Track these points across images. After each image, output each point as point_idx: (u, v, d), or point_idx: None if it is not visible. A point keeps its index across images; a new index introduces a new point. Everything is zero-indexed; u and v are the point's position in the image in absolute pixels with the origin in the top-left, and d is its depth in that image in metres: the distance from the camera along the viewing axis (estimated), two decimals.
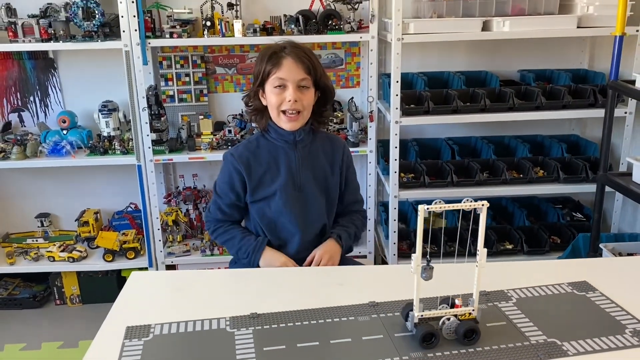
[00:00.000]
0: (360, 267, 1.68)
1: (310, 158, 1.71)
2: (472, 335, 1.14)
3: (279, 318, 1.25)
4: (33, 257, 2.81)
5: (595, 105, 2.52)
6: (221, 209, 1.76)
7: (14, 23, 2.53)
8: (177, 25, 2.56)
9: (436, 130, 2.99)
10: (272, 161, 1.70)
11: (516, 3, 2.51)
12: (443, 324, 1.14)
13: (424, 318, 1.14)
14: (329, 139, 1.81)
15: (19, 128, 2.91)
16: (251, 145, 1.73)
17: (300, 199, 1.71)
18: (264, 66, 1.63)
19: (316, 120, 1.72)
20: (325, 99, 1.71)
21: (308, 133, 1.71)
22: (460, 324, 1.14)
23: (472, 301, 1.16)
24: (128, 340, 1.19)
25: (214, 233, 1.79)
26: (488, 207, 1.17)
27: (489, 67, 2.89)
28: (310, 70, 1.62)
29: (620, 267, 1.29)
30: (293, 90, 1.60)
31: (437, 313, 1.15)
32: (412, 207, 2.99)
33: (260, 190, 1.71)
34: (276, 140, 1.70)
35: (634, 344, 1.14)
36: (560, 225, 2.76)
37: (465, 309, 1.16)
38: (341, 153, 1.77)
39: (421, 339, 1.12)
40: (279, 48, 1.63)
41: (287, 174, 1.69)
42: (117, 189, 3.02)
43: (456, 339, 1.14)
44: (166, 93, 2.87)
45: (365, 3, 2.58)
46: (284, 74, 1.60)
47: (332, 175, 1.75)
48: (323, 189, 1.74)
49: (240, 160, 1.69)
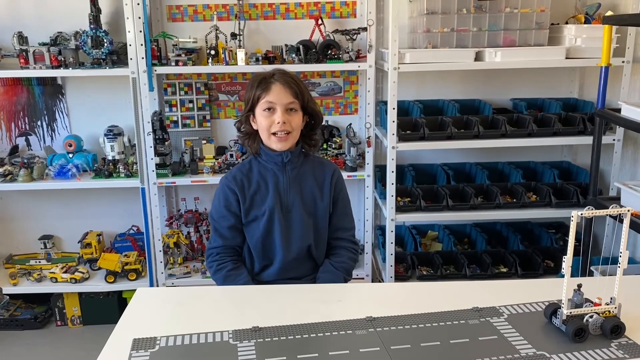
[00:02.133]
0: (357, 285, 1.75)
1: (298, 180, 1.78)
2: (618, 331, 1.25)
3: (280, 331, 1.30)
4: (36, 278, 2.85)
5: (585, 133, 2.61)
6: (221, 235, 1.79)
7: (25, 50, 2.63)
8: (183, 54, 2.66)
9: (432, 156, 3.07)
10: (262, 182, 1.77)
11: (507, 35, 2.63)
12: (587, 321, 1.25)
13: (571, 315, 1.26)
14: (321, 163, 1.86)
15: (25, 151, 2.99)
16: (244, 167, 1.80)
17: (287, 219, 1.76)
18: (254, 92, 1.71)
19: (306, 143, 1.80)
20: (314, 123, 1.79)
21: (298, 155, 1.78)
22: (606, 320, 1.25)
23: (613, 299, 1.27)
24: (135, 351, 1.24)
25: (216, 274, 1.77)
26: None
27: (482, 95, 3.00)
28: (297, 95, 1.70)
29: (608, 285, 1.36)
30: (282, 112, 1.68)
31: (583, 311, 1.26)
32: (409, 230, 3.05)
33: (252, 211, 1.77)
34: (266, 162, 1.78)
35: (619, 356, 1.19)
36: (553, 250, 2.82)
37: (607, 306, 1.26)
38: (331, 177, 1.81)
39: (573, 333, 1.23)
40: (268, 75, 1.73)
41: (275, 195, 1.75)
42: (120, 212, 3.08)
43: (601, 334, 1.26)
44: (170, 118, 2.96)
45: (363, 34, 2.69)
46: (273, 97, 1.68)
47: (321, 199, 1.79)
48: (311, 212, 1.79)
49: (234, 181, 1.76)
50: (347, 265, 1.83)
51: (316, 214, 1.79)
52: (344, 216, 1.86)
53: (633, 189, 2.08)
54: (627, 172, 2.68)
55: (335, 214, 1.83)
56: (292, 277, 1.79)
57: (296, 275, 1.80)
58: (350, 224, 1.90)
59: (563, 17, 2.82)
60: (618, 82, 2.54)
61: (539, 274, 2.68)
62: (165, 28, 2.85)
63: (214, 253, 1.80)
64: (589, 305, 1.28)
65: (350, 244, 1.88)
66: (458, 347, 1.23)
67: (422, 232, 3.10)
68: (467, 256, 2.75)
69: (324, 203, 1.80)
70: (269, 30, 2.89)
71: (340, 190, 1.84)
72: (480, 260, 2.76)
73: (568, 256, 1.21)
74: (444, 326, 1.32)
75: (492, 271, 2.69)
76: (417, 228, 3.11)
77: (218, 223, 1.79)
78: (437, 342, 1.25)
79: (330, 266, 1.81)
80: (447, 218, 2.76)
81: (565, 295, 1.25)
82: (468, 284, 1.64)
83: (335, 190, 1.82)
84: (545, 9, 2.62)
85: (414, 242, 2.97)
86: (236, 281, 1.75)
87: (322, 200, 1.80)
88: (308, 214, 1.78)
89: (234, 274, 1.76)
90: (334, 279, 1.77)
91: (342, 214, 1.85)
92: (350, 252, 1.86)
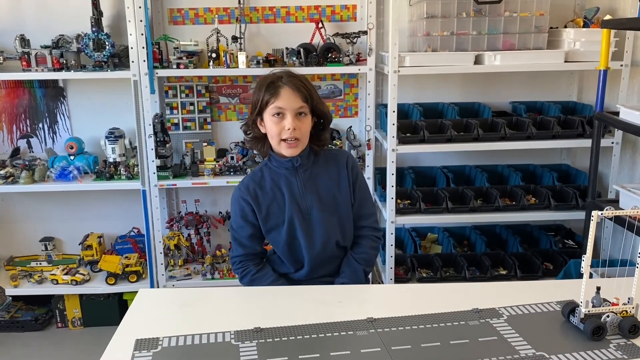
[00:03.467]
0: (358, 286, 1.75)
1: (313, 181, 1.76)
2: (636, 330, 1.27)
3: (281, 332, 1.31)
4: (37, 279, 2.86)
5: (584, 136, 2.62)
6: (241, 244, 1.79)
7: (27, 53, 2.64)
8: (184, 57, 2.67)
9: (432, 158, 3.09)
10: (276, 189, 1.75)
11: (507, 38, 2.64)
12: (605, 321, 1.27)
13: (589, 314, 1.28)
14: (332, 155, 1.82)
15: (27, 154, 3.00)
16: (256, 176, 1.79)
17: (308, 223, 1.74)
18: (262, 95, 1.67)
19: (315, 144, 1.77)
20: (323, 123, 1.78)
21: (308, 156, 1.76)
22: (624, 320, 1.27)
23: (631, 300, 1.29)
24: (137, 351, 1.25)
25: (243, 279, 1.81)
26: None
27: (481, 98, 3.01)
28: (307, 99, 1.68)
29: (607, 287, 1.37)
30: (292, 118, 1.65)
31: (601, 310, 1.28)
32: (409, 233, 3.06)
33: (270, 220, 1.75)
34: (278, 167, 1.76)
35: (617, 357, 1.20)
36: (552, 252, 2.83)
37: (625, 306, 1.29)
38: (345, 166, 1.78)
39: (591, 332, 1.25)
40: (276, 77, 1.68)
41: (292, 202, 1.73)
42: (121, 214, 3.09)
43: (619, 333, 1.28)
44: (171, 121, 2.97)
45: (364, 37, 2.71)
46: (282, 103, 1.65)
47: (339, 193, 1.77)
48: (332, 209, 1.76)
49: (248, 192, 1.75)
50: (367, 256, 1.82)
51: (338, 210, 1.77)
52: (364, 202, 1.83)
53: (631, 192, 2.09)
54: (625, 175, 2.69)
55: (356, 203, 1.80)
56: (324, 275, 1.79)
57: (328, 272, 1.80)
58: (371, 209, 1.86)
59: (562, 21, 2.83)
60: (617, 85, 2.56)
61: (538, 276, 2.69)
62: (167, 31, 2.87)
63: (237, 262, 1.81)
64: (607, 305, 1.30)
65: (372, 231, 1.85)
66: (458, 347, 1.24)
67: (422, 235, 3.11)
68: (466, 258, 2.76)
69: (343, 197, 1.77)
70: (269, 34, 2.91)
71: (357, 175, 1.81)
72: (479, 262, 2.77)
73: (587, 255, 1.24)
74: (444, 327, 1.33)
75: (491, 273, 2.70)
76: (416, 230, 3.12)
77: (237, 233, 1.79)
78: (438, 342, 1.26)
79: (351, 259, 1.80)
80: (446, 220, 2.77)
81: (584, 294, 1.27)
82: (468, 286, 1.65)
83: (352, 176, 1.79)
84: (545, 12, 2.63)
85: (413, 244, 2.98)
86: (263, 282, 1.76)
87: (340, 194, 1.77)
88: (329, 213, 1.75)
89: (259, 276, 1.78)
90: (354, 272, 1.78)
91: (362, 200, 1.82)
92: (371, 241, 1.84)
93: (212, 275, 2.89)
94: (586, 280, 1.26)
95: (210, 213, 3.10)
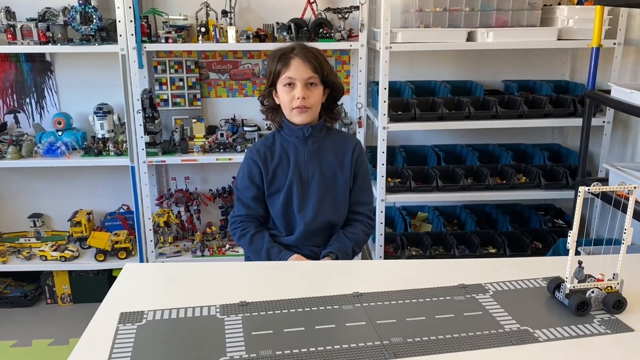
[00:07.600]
0: (345, 262, 1.75)
1: (319, 154, 1.81)
2: (620, 305, 1.28)
3: (267, 306, 1.31)
4: (25, 256, 2.85)
5: (575, 115, 2.61)
6: (245, 204, 1.84)
7: (12, 26, 2.59)
8: (173, 31, 2.63)
9: (423, 137, 3.07)
10: (284, 155, 1.81)
11: (500, 15, 2.61)
12: (589, 296, 1.27)
13: (574, 290, 1.29)
14: (343, 137, 1.90)
15: (14, 129, 2.96)
16: (267, 141, 1.85)
17: (305, 193, 1.80)
18: (274, 66, 1.75)
19: (328, 116, 1.84)
20: (335, 95, 1.83)
21: (320, 130, 1.81)
22: (608, 295, 1.28)
23: (616, 276, 1.29)
24: (122, 324, 1.25)
25: (241, 239, 1.84)
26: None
27: (474, 77, 2.99)
28: (317, 69, 1.73)
29: (592, 263, 1.38)
30: (301, 87, 1.71)
31: (586, 285, 1.29)
32: (399, 211, 3.06)
33: (274, 183, 1.81)
34: (289, 135, 1.81)
35: (601, 332, 1.21)
36: (542, 231, 2.85)
37: (610, 282, 1.29)
38: (352, 151, 1.84)
39: (576, 307, 1.26)
40: (288, 49, 1.76)
41: (295, 169, 1.79)
42: (110, 191, 3.07)
43: (603, 308, 1.29)
44: (160, 97, 2.93)
45: (355, 13, 2.67)
46: (292, 73, 1.72)
47: (341, 173, 1.82)
48: (331, 185, 1.82)
49: (258, 154, 1.81)
50: (359, 237, 1.86)
51: (335, 187, 1.83)
52: (363, 190, 1.89)
53: (621, 171, 2.09)
54: (616, 154, 2.69)
55: (355, 188, 1.87)
56: (312, 245, 1.83)
57: (316, 244, 1.84)
58: (369, 198, 1.92)
59: None
60: (609, 64, 2.54)
61: (527, 255, 2.70)
62: (155, 5, 2.81)
63: (237, 221, 1.85)
64: (592, 280, 1.30)
65: (366, 218, 1.90)
66: (443, 322, 1.24)
67: (412, 213, 3.11)
68: (456, 237, 2.77)
69: (344, 177, 1.83)
70: (260, 8, 2.86)
71: (361, 164, 1.86)
72: (469, 241, 2.78)
73: (573, 232, 1.23)
74: (429, 302, 1.33)
75: (480, 252, 2.71)
76: (407, 209, 3.12)
77: (242, 193, 1.84)
78: (423, 317, 1.26)
79: (342, 235, 1.84)
80: (437, 199, 2.77)
81: (569, 270, 1.28)
82: (455, 262, 1.66)
83: (356, 164, 1.85)
84: None
85: (403, 223, 2.98)
86: (259, 245, 1.80)
87: (342, 174, 1.83)
88: (327, 188, 1.81)
89: (259, 236, 1.81)
90: (343, 246, 1.80)
91: (362, 188, 1.88)
92: (365, 226, 1.89)
93: (202, 253, 2.88)
94: (572, 257, 1.26)
95: (200, 190, 3.08)
